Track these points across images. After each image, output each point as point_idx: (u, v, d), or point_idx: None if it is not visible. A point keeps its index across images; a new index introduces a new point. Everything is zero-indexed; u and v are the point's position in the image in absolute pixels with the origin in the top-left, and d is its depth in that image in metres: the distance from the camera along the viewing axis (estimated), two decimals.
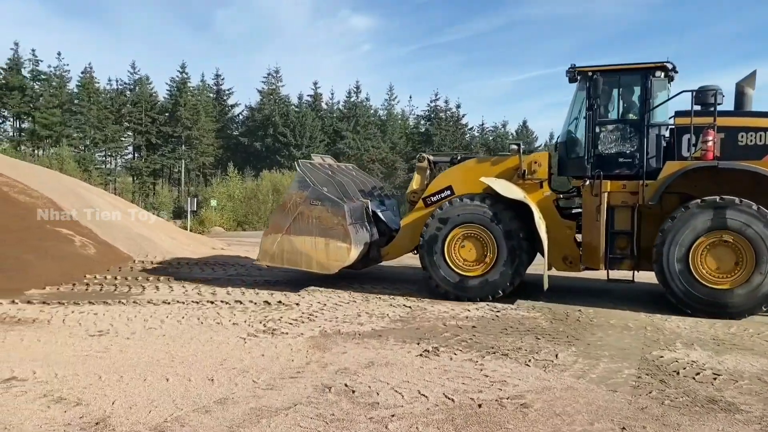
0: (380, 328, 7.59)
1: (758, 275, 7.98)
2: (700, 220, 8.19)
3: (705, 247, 8.23)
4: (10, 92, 50.44)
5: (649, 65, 9.07)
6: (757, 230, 7.97)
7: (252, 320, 7.93)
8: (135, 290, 10.03)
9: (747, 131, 8.50)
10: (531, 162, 9.71)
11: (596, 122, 9.22)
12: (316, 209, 9.75)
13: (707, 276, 8.23)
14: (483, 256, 9.36)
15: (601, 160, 9.19)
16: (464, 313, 8.50)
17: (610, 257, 9.02)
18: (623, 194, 9.00)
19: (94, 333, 7.13)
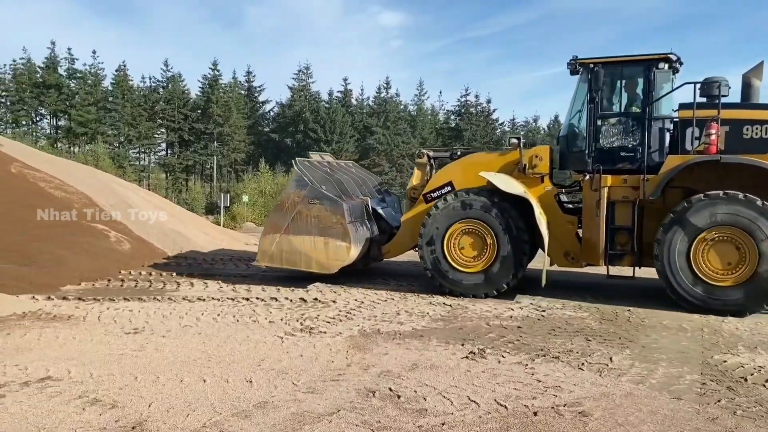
0: (421, 327, 7.30)
1: (761, 272, 7.74)
2: (702, 216, 7.96)
3: (707, 243, 8.01)
4: (47, 90, 51.32)
5: (652, 56, 8.79)
6: (761, 226, 7.73)
7: (288, 318, 7.71)
8: (170, 286, 9.91)
9: (752, 124, 8.20)
10: (532, 156, 9.50)
11: (597, 115, 9.01)
12: (315, 208, 9.61)
13: (709, 273, 8.01)
14: (483, 252, 9.15)
15: (603, 154, 8.98)
16: (507, 313, 8.16)
17: (610, 253, 8.81)
18: (624, 189, 8.78)
19: (130, 330, 6.98)
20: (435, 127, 65.40)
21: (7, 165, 14.09)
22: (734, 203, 7.86)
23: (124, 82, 55.94)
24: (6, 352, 6.00)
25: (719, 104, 8.25)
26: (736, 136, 8.25)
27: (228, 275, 11.08)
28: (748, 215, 7.80)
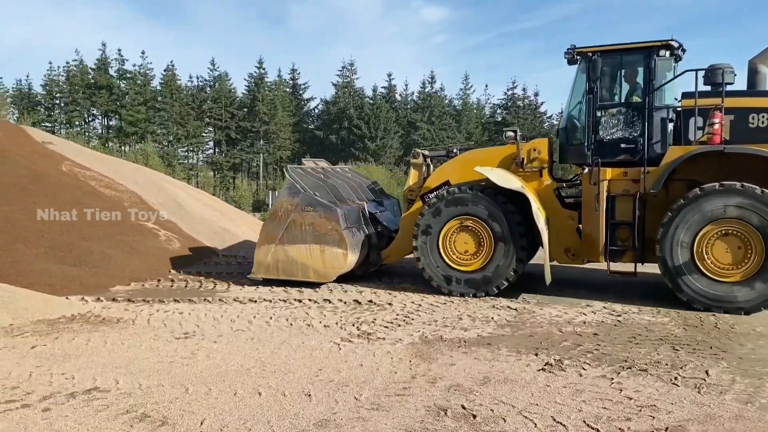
0: (487, 334, 6.75)
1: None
2: (705, 208, 7.59)
3: (711, 237, 7.64)
4: (98, 91, 52.55)
5: (653, 44, 8.40)
6: (765, 217, 7.34)
7: (344, 322, 7.27)
8: (220, 287, 9.61)
9: (759, 112, 7.78)
10: (530, 149, 9.16)
11: (597, 106, 8.67)
12: (309, 215, 9.35)
13: (714, 268, 7.65)
14: (480, 249, 8.82)
15: (602, 146, 8.63)
16: (579, 317, 7.53)
17: (611, 249, 8.46)
18: (625, 182, 8.43)
19: (180, 335, 6.66)
20: (481, 121, 64.42)
21: (59, 164, 14.11)
22: (737, 195, 7.44)
23: (172, 81, 56.86)
24: (54, 359, 5.73)
25: (723, 92, 7.85)
26: (742, 125, 7.83)
27: None
28: (752, 207, 7.39)
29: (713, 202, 7.57)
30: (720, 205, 7.54)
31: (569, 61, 9.03)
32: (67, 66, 54.68)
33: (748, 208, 7.43)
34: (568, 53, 8.93)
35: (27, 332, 6.66)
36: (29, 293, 7.83)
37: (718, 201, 7.55)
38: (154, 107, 54.23)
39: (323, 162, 12.04)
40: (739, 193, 7.47)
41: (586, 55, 8.73)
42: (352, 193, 10.86)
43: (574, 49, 8.88)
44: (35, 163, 13.00)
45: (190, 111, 55.91)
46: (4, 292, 7.54)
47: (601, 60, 8.56)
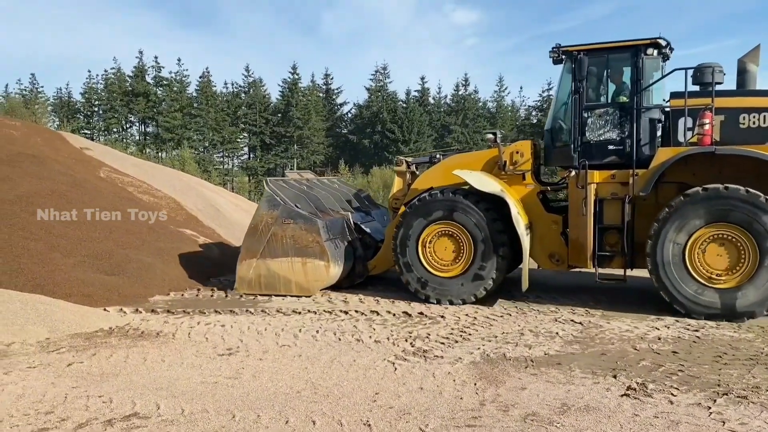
0: (555, 352, 6.16)
1: (763, 273, 7.09)
2: (696, 212, 7.34)
3: (703, 242, 7.39)
4: (135, 98, 53.15)
5: (640, 42, 8.14)
6: (763, 223, 7.06)
7: (396, 337, 6.76)
8: (261, 297, 9.19)
9: (749, 112, 7.54)
10: (512, 152, 8.95)
11: (583, 107, 8.39)
12: (290, 228, 9.09)
13: (706, 274, 7.38)
14: (460, 255, 8.56)
15: (589, 148, 8.36)
16: (653, 333, 6.88)
17: (599, 254, 8.18)
18: (613, 185, 8.15)
19: (223, 351, 6.23)
20: (515, 123, 63.39)
21: (96, 170, 13.95)
22: (731, 198, 7.18)
23: (207, 88, 57.26)
24: (90, 378, 5.35)
25: (713, 92, 7.61)
26: (733, 125, 7.60)
27: None
28: (747, 211, 7.12)
29: (699, 207, 7.33)
30: (706, 210, 7.30)
31: (554, 60, 8.73)
32: (106, 74, 55.50)
33: (735, 210, 7.16)
34: (553, 52, 8.63)
35: (63, 347, 6.31)
36: (66, 305, 7.52)
37: (704, 206, 7.31)
38: (190, 113, 54.63)
39: (309, 173, 11.97)
40: (724, 195, 7.22)
41: (572, 54, 8.44)
42: (337, 203, 10.64)
43: (559, 48, 8.59)
44: (73, 169, 12.83)
45: (225, 117, 56.19)
46: (41, 304, 7.23)
47: (587, 59, 8.30)
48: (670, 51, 8.66)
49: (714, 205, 7.28)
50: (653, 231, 7.58)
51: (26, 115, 36.79)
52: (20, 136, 13.96)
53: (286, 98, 59.61)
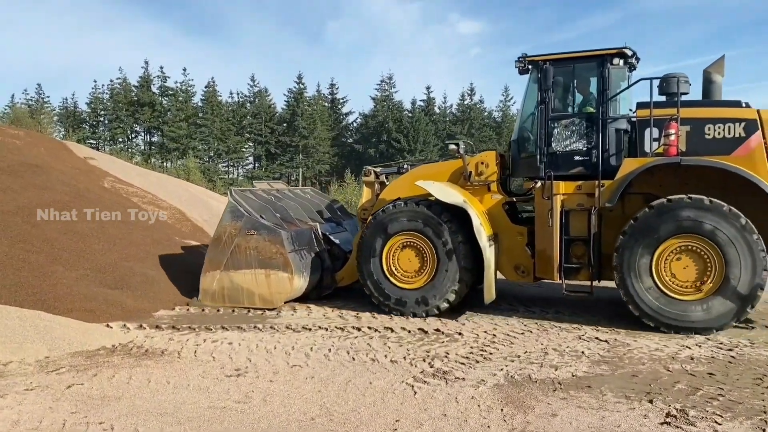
0: (583, 373, 5.81)
1: (728, 285, 7.00)
2: (662, 224, 7.25)
3: (671, 253, 7.29)
4: (141, 108, 53.13)
5: (606, 51, 8.08)
6: (728, 234, 6.99)
7: (413, 356, 6.41)
8: (270, 312, 8.84)
9: (714, 123, 7.49)
10: (477, 163, 8.89)
11: (549, 117, 8.30)
12: (253, 239, 8.95)
13: (673, 286, 7.28)
14: (423, 267, 8.46)
15: (555, 158, 8.28)
16: (684, 352, 6.52)
17: (565, 266, 8.05)
18: (579, 196, 8.05)
19: (231, 372, 5.89)
20: None
21: (101, 179, 13.67)
22: (697, 209, 7.14)
23: (213, 98, 57.22)
24: (91, 402, 5.02)
25: (678, 102, 7.54)
26: (698, 136, 7.54)
27: (330, 296, 9.92)
28: (713, 222, 7.06)
29: (664, 218, 7.25)
30: (671, 221, 7.22)
31: (520, 70, 8.66)
32: (111, 84, 55.57)
33: (700, 221, 7.10)
34: (519, 62, 8.56)
35: (63, 367, 5.98)
36: (67, 321, 7.19)
37: (669, 217, 7.23)
38: (196, 123, 54.55)
39: (279, 183, 11.80)
40: (689, 206, 7.17)
41: (538, 64, 8.36)
42: (306, 214, 10.43)
43: (525, 57, 8.50)
44: (76, 179, 12.55)
45: (230, 126, 56.11)
46: (41, 320, 6.91)
47: (553, 69, 8.27)
48: (637, 61, 8.60)
49: (679, 216, 7.21)
50: (619, 243, 7.51)
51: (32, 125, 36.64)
52: (23, 145, 13.71)
53: (292, 108, 59.53)
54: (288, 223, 9.57)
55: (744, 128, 7.36)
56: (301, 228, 9.69)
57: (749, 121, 7.38)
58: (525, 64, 8.54)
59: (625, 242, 7.44)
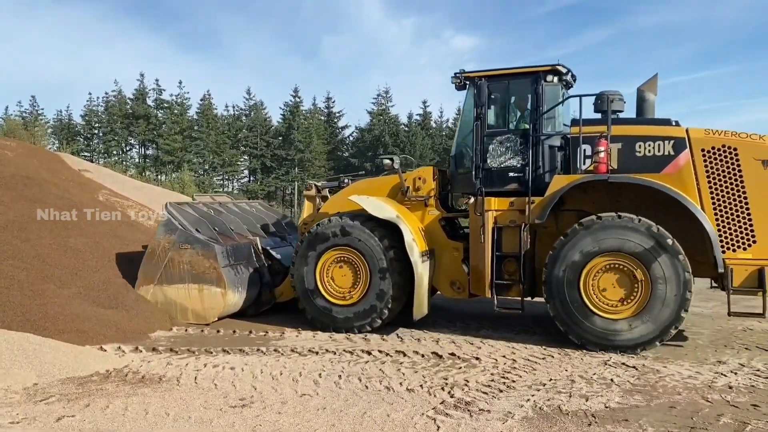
0: (616, 404, 5.38)
1: (654, 304, 7.01)
2: (590, 241, 7.24)
3: (597, 271, 7.27)
4: (136, 121, 52.62)
5: (540, 68, 8.14)
6: (654, 253, 7.02)
7: (430, 384, 5.97)
8: (273, 334, 8.40)
9: (645, 140, 7.55)
10: (415, 178, 8.93)
11: (484, 133, 8.34)
12: (187, 253, 8.82)
13: (600, 304, 7.25)
14: (357, 283, 8.42)
15: (490, 174, 8.32)
16: (720, 380, 6.10)
17: (497, 283, 8.00)
18: (511, 213, 8.09)
19: (235, 402, 5.43)
20: None
21: (95, 193, 13.20)
22: (626, 228, 7.14)
23: (208, 111, 56.81)
24: None
25: (609, 119, 7.54)
26: (629, 153, 7.59)
27: None
28: (638, 240, 7.07)
29: (593, 235, 7.25)
30: (600, 238, 7.21)
31: (457, 86, 8.67)
32: (106, 96, 55.04)
33: (628, 239, 7.11)
34: (455, 78, 8.59)
35: (53, 396, 5.51)
36: (58, 345, 6.71)
37: (598, 234, 7.23)
38: (191, 136, 54.07)
39: (223, 197, 11.73)
40: (616, 225, 7.19)
41: (474, 80, 8.43)
42: (247, 228, 10.25)
43: (462, 73, 8.54)
44: (70, 192, 12.08)
45: (225, 140, 55.66)
46: (30, 343, 6.42)
47: (488, 85, 8.36)
48: (573, 78, 8.68)
49: (607, 233, 7.19)
50: (548, 259, 7.51)
51: (25, 137, 36.16)
52: (15, 156, 13.24)
53: (288, 121, 59.16)
54: (226, 237, 9.41)
55: (673, 146, 7.43)
56: (239, 242, 9.54)
57: (678, 139, 7.44)
58: (461, 80, 8.56)
59: (554, 260, 7.44)
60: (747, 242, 7.26)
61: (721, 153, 7.35)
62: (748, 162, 7.23)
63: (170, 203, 9.45)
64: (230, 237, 9.55)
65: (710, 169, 7.36)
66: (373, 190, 9.10)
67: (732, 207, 7.30)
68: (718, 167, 7.35)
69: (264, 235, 10.47)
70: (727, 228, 7.32)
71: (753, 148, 7.28)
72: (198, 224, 9.28)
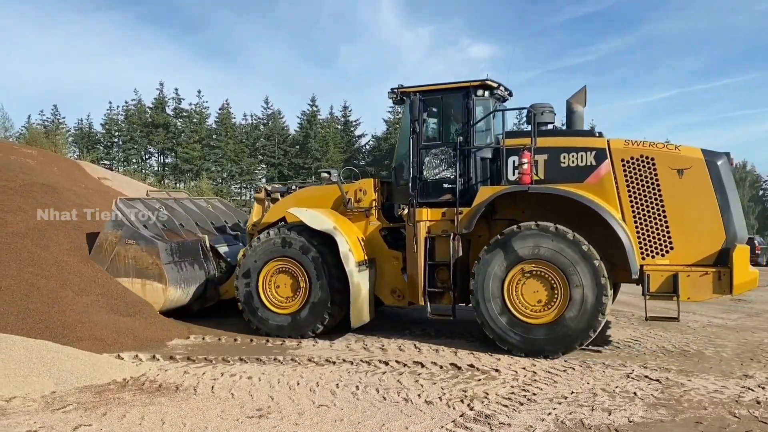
0: (640, 419, 5.24)
1: (573, 309, 7.25)
2: (513, 249, 7.53)
3: (520, 278, 7.55)
4: (155, 129, 53.20)
5: (470, 83, 8.40)
6: (571, 259, 7.26)
7: (449, 396, 5.87)
8: (290, 342, 8.36)
9: (569, 152, 7.81)
10: (356, 190, 9.16)
11: (420, 146, 8.61)
12: (132, 249, 9.18)
13: (523, 310, 7.52)
14: (296, 293, 8.68)
15: (426, 186, 8.57)
16: (747, 395, 5.93)
17: (429, 291, 8.26)
18: (444, 223, 8.34)
19: (252, 412, 5.38)
20: None
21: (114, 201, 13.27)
22: (544, 235, 7.40)
23: (227, 119, 57.27)
24: None
25: (534, 132, 7.78)
26: (555, 164, 7.86)
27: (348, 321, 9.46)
28: (556, 248, 7.33)
29: (515, 244, 7.50)
30: (521, 246, 7.48)
31: (395, 101, 8.95)
32: (126, 105, 55.73)
33: (546, 246, 7.37)
34: (392, 93, 8.85)
35: (70, 404, 5.50)
36: (75, 353, 6.71)
37: (519, 242, 7.48)
38: (209, 145, 54.55)
39: (181, 193, 11.91)
40: (535, 232, 7.44)
41: (409, 95, 8.68)
42: (198, 226, 10.61)
43: (399, 89, 8.80)
44: (89, 200, 12.17)
45: (244, 148, 56.06)
46: (48, 351, 6.44)
47: (423, 100, 8.58)
48: (507, 92, 8.98)
49: (526, 242, 7.43)
50: (474, 269, 7.74)
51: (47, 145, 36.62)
52: (36, 165, 13.40)
53: (305, 130, 59.47)
54: (173, 234, 9.72)
55: (594, 157, 7.67)
56: (187, 240, 9.79)
57: (599, 150, 7.68)
58: (398, 95, 8.79)
59: (479, 267, 7.65)
60: (665, 249, 7.52)
61: (639, 163, 7.59)
62: (665, 171, 7.49)
63: (121, 199, 9.81)
64: (178, 234, 9.87)
65: (629, 178, 7.61)
66: (317, 198, 9.38)
67: (650, 215, 7.55)
68: (637, 177, 7.59)
69: (215, 233, 10.81)
70: (646, 235, 7.57)
71: (669, 158, 7.53)
72: (146, 221, 9.58)
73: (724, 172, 7.43)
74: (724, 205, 7.36)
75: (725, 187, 7.39)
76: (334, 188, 9.31)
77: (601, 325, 7.33)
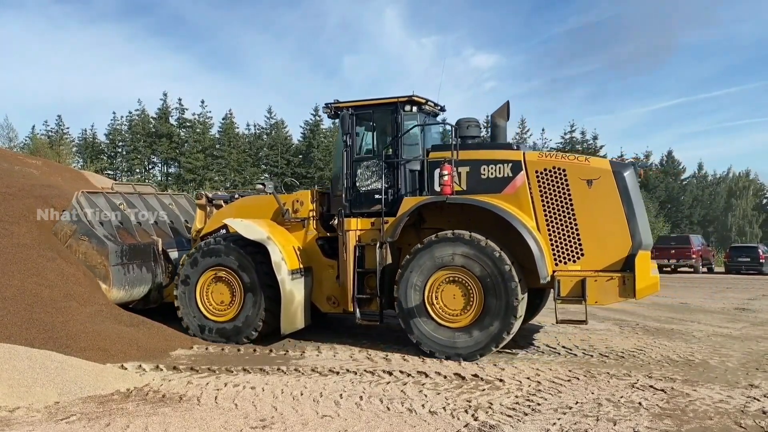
0: (645, 429, 5.22)
1: (487, 313, 7.62)
2: (431, 257, 7.89)
3: (439, 284, 7.90)
4: (159, 139, 53.36)
5: (398, 99, 8.72)
6: (484, 266, 7.64)
7: (453, 407, 5.86)
8: (293, 353, 8.35)
9: (488, 164, 8.23)
10: (293, 200, 9.51)
11: (352, 159, 8.94)
12: (84, 245, 9.27)
13: (443, 314, 7.88)
14: (233, 301, 8.92)
15: (359, 196, 8.91)
16: (753, 405, 5.90)
17: (358, 297, 8.56)
18: (372, 232, 8.69)
19: (256, 423, 5.37)
20: None
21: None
22: (458, 243, 7.76)
23: (230, 129, 57.40)
24: None
25: (456, 145, 8.20)
26: (475, 176, 8.26)
27: (355, 334, 9.45)
28: (470, 255, 7.70)
29: (431, 252, 7.86)
30: (437, 254, 7.83)
31: (329, 115, 9.31)
32: (130, 116, 55.91)
33: (460, 254, 7.73)
34: (326, 108, 9.19)
35: (74, 415, 5.50)
36: (80, 363, 6.72)
37: (436, 250, 7.84)
38: (213, 154, 54.66)
39: (147, 187, 11.99)
40: (451, 240, 7.80)
41: (340, 110, 8.96)
42: (154, 227, 10.61)
43: (333, 104, 9.12)
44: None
45: (247, 158, 56.18)
46: (52, 361, 6.44)
47: (355, 114, 8.87)
48: (437, 107, 9.42)
49: (443, 250, 7.81)
50: (397, 277, 8.09)
51: (51, 156, 36.81)
52: (40, 174, 13.43)
53: (308, 140, 59.62)
54: (127, 234, 9.83)
55: (511, 169, 8.08)
56: (140, 242, 9.86)
57: (515, 162, 8.08)
58: (332, 110, 9.13)
59: (402, 274, 8.00)
60: (576, 256, 7.87)
61: (552, 174, 7.96)
62: (575, 182, 7.87)
63: (83, 192, 9.83)
64: (132, 235, 9.94)
65: (543, 188, 7.99)
66: (256, 208, 9.62)
67: (562, 223, 7.92)
68: (549, 187, 7.97)
69: (170, 236, 10.84)
70: (558, 243, 7.93)
71: (579, 169, 7.90)
72: (103, 218, 9.60)
73: (630, 182, 7.81)
74: (630, 214, 7.72)
75: (631, 197, 7.75)
76: (272, 199, 9.50)
77: (514, 328, 7.66)
